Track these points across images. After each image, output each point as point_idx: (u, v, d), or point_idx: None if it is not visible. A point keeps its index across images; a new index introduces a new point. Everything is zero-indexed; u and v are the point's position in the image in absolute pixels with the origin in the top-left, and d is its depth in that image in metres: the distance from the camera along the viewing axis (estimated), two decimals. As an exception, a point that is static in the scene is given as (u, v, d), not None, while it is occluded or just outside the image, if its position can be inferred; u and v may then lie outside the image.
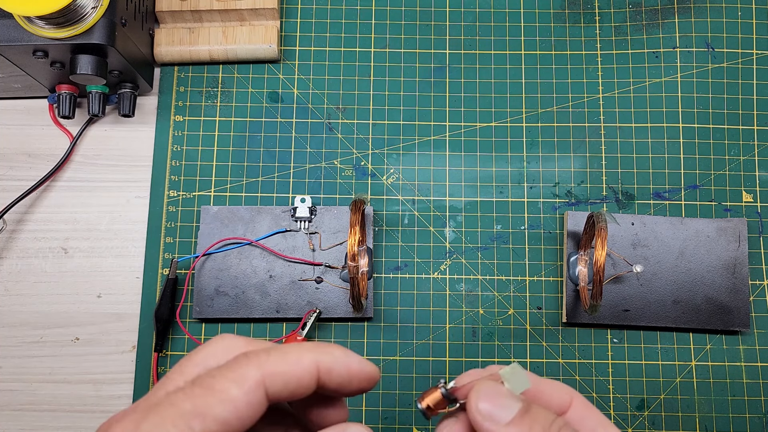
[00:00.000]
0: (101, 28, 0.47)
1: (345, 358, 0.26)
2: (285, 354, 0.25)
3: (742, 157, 0.55)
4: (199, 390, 0.23)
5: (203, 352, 0.26)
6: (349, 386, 0.26)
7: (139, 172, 0.55)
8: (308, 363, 0.25)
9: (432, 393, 0.28)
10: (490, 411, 0.25)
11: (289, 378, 0.24)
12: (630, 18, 0.57)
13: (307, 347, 0.25)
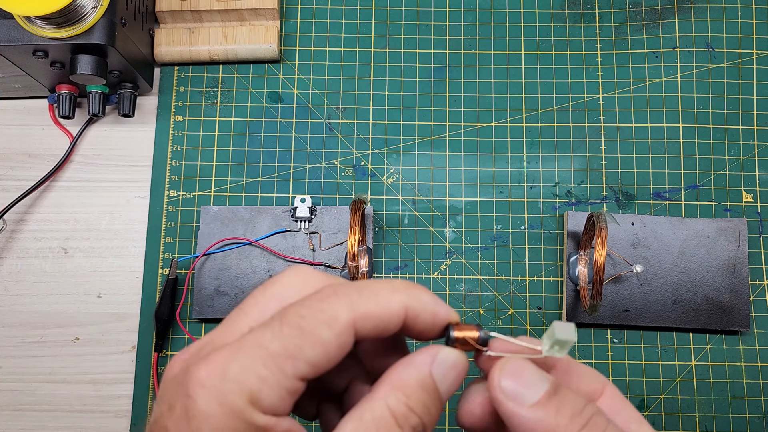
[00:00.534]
0: (101, 28, 0.47)
1: (433, 305, 0.25)
2: (376, 294, 0.24)
3: (742, 157, 0.55)
4: (288, 330, 0.22)
5: (279, 285, 0.25)
6: (431, 332, 0.25)
7: (139, 172, 0.55)
8: (397, 306, 0.24)
9: (469, 329, 0.26)
10: (514, 390, 0.24)
11: (378, 321, 0.23)
12: (630, 18, 0.57)
13: (397, 287, 0.24)
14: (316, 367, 0.22)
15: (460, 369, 0.24)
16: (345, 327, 0.22)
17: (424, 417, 0.23)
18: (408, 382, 0.23)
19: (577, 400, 0.23)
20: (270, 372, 0.21)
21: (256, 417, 0.21)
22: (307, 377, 0.22)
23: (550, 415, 0.23)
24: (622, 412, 0.25)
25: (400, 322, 0.24)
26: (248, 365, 0.21)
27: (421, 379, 0.23)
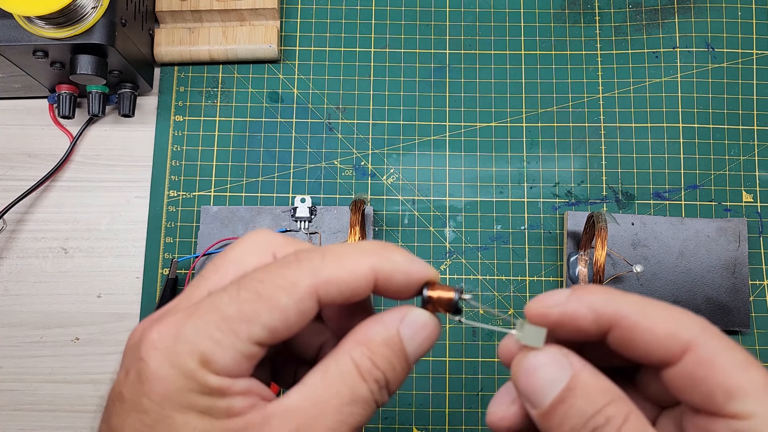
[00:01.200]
0: (101, 28, 0.47)
1: (406, 264, 0.24)
2: (341, 259, 0.23)
3: (742, 157, 0.55)
4: (245, 294, 0.22)
5: (238, 249, 0.24)
6: (407, 292, 0.24)
7: (139, 172, 0.55)
8: (366, 270, 0.23)
9: (445, 290, 0.24)
10: (526, 391, 0.23)
11: (344, 286, 0.22)
12: (630, 18, 0.57)
13: (365, 249, 0.23)
14: (274, 332, 0.22)
15: (429, 331, 0.24)
16: (305, 294, 0.22)
17: (387, 372, 0.23)
18: (374, 338, 0.23)
19: (583, 411, 0.21)
20: (223, 334, 0.21)
21: (208, 378, 0.21)
22: (265, 342, 0.22)
23: (554, 427, 0.22)
24: (703, 382, 0.21)
25: (370, 286, 0.23)
26: (201, 327, 0.21)
27: (387, 336, 0.23)
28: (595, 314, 0.22)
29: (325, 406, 0.22)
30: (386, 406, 0.51)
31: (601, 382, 0.22)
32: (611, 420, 0.21)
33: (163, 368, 0.21)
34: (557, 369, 0.22)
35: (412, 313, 0.24)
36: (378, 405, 0.23)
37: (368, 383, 0.22)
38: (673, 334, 0.22)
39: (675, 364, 0.22)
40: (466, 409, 0.51)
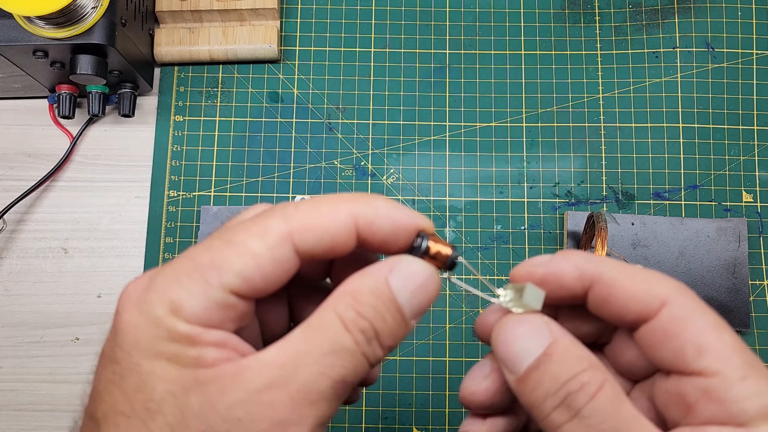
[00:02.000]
0: (101, 28, 0.47)
1: (388, 210, 0.22)
2: (317, 206, 0.22)
3: (742, 157, 0.55)
4: (218, 243, 0.21)
5: (235, 219, 0.24)
6: (396, 242, 0.23)
7: (139, 172, 0.55)
8: (344, 215, 0.22)
9: (441, 244, 0.23)
10: (504, 357, 0.23)
11: (321, 233, 0.22)
12: (630, 18, 0.57)
13: (344, 198, 0.22)
14: (247, 280, 0.21)
15: (422, 279, 0.22)
16: (278, 238, 0.21)
17: (376, 322, 0.21)
18: (359, 288, 0.22)
19: (558, 376, 0.21)
20: (193, 281, 0.21)
21: (176, 324, 0.20)
22: (241, 291, 0.21)
23: (527, 392, 0.22)
24: (675, 338, 0.22)
25: (351, 234, 0.22)
26: (172, 276, 0.21)
27: (375, 286, 0.22)
28: (578, 271, 0.23)
29: (304, 357, 0.20)
30: (386, 406, 0.51)
31: (578, 350, 0.22)
32: (585, 386, 0.21)
33: (133, 317, 0.21)
34: (537, 335, 0.22)
35: (401, 261, 0.22)
36: (369, 360, 0.21)
37: (352, 333, 0.21)
38: (651, 290, 0.22)
39: (650, 321, 0.22)
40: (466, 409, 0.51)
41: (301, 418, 0.20)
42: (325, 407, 0.20)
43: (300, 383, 0.20)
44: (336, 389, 0.21)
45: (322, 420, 0.21)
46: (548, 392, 0.21)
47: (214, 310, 0.20)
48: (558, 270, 0.24)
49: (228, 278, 0.21)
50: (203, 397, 0.20)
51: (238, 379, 0.20)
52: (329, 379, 0.20)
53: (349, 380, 0.21)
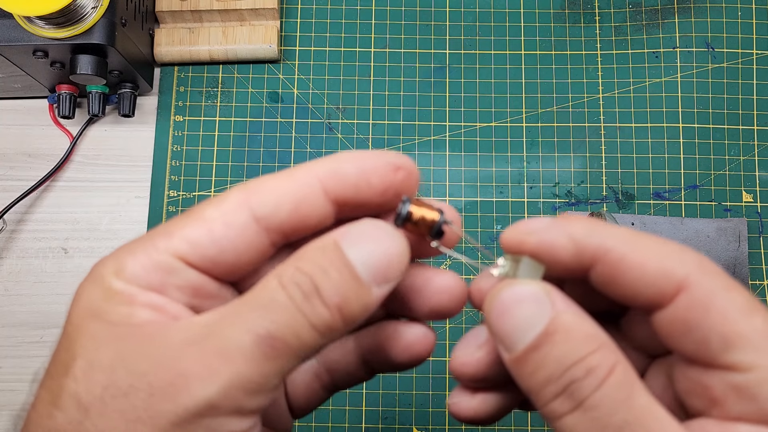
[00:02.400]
0: (101, 28, 0.47)
1: (353, 156, 0.21)
2: (279, 173, 0.21)
3: (742, 157, 0.55)
4: (179, 216, 0.21)
5: None
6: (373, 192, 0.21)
7: (139, 172, 0.55)
8: (304, 175, 0.20)
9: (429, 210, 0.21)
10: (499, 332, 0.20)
11: (280, 195, 0.20)
12: (630, 18, 0.57)
13: (308, 162, 0.21)
14: (195, 245, 0.20)
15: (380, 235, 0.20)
16: (233, 204, 0.20)
17: (315, 276, 0.19)
18: (306, 248, 0.20)
19: (562, 360, 0.18)
20: (140, 245, 0.20)
21: (114, 283, 0.19)
22: (186, 257, 0.20)
23: (524, 375, 0.19)
24: (697, 329, 0.18)
25: (318, 196, 0.20)
26: (130, 248, 0.20)
27: (320, 243, 0.20)
28: (575, 246, 0.20)
29: (230, 316, 0.19)
30: (386, 406, 0.51)
31: (586, 326, 0.19)
32: (593, 372, 0.18)
33: (85, 283, 0.20)
34: (536, 308, 0.19)
35: (359, 221, 0.20)
36: (310, 318, 0.19)
37: (287, 288, 0.19)
38: (666, 270, 0.19)
39: (666, 307, 0.19)
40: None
41: (210, 372, 0.18)
42: (245, 366, 0.18)
43: (218, 338, 0.18)
44: (261, 347, 0.18)
45: (240, 381, 0.18)
46: (549, 378, 0.19)
47: (153, 272, 0.20)
48: (551, 243, 0.20)
49: (175, 242, 0.20)
50: (114, 352, 0.19)
51: (157, 336, 0.19)
52: (252, 333, 0.18)
53: (279, 337, 0.18)
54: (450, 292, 0.23)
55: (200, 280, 0.20)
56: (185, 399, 0.18)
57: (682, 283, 0.19)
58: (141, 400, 0.18)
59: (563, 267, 0.20)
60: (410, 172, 0.22)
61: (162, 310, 0.20)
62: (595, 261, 0.20)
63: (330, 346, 0.26)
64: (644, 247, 0.19)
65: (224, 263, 0.20)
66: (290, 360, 0.19)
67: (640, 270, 0.19)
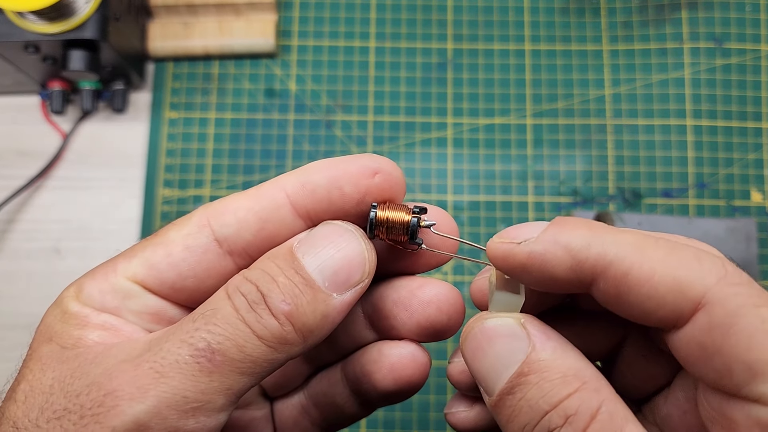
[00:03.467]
0: (94, 23, 0.46)
1: (323, 166, 0.20)
2: (242, 192, 0.20)
3: (751, 155, 0.54)
4: (147, 237, 0.21)
5: None
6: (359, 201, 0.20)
7: (132, 170, 0.54)
8: (270, 190, 0.20)
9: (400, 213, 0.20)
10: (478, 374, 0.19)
11: (243, 213, 0.19)
12: (636, 13, 0.56)
13: (276, 178, 0.20)
14: (153, 267, 0.20)
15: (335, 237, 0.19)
16: (194, 226, 0.20)
17: (262, 284, 0.18)
18: (259, 260, 0.19)
19: (536, 406, 0.16)
20: (102, 269, 0.21)
21: (70, 305, 0.20)
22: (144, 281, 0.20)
23: (503, 422, 0.18)
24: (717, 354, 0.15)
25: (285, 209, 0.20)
26: (93, 273, 0.21)
27: (274, 251, 0.19)
28: (572, 259, 0.17)
29: (173, 330, 0.18)
30: (386, 409, 0.50)
31: (567, 362, 0.17)
32: (572, 420, 0.16)
33: (49, 308, 0.21)
34: (511, 344, 0.18)
35: (318, 226, 0.19)
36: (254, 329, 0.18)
37: (231, 298, 0.18)
38: (681, 285, 0.16)
39: (681, 327, 0.16)
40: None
41: (139, 390, 0.17)
42: (180, 382, 0.17)
43: (154, 353, 0.17)
44: (198, 359, 0.17)
45: (174, 398, 0.17)
46: (525, 426, 0.17)
47: (109, 294, 0.20)
48: (545, 257, 0.18)
49: (134, 266, 0.20)
50: (56, 375, 0.18)
51: (100, 357, 0.18)
52: (190, 346, 0.17)
53: (219, 350, 0.17)
54: (439, 303, 0.21)
55: (160, 305, 0.20)
56: (112, 420, 0.17)
57: (700, 300, 0.16)
58: (72, 424, 0.17)
59: (559, 284, 0.18)
60: (390, 174, 0.20)
61: (115, 331, 0.19)
62: (596, 276, 0.17)
63: (317, 377, 0.24)
64: (654, 256, 0.17)
65: (184, 288, 0.20)
66: (235, 376, 0.17)
67: (650, 286, 0.16)
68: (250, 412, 0.24)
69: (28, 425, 0.18)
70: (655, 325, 0.17)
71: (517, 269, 0.18)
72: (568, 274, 0.17)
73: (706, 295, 0.16)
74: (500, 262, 0.19)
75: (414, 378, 0.22)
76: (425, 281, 0.22)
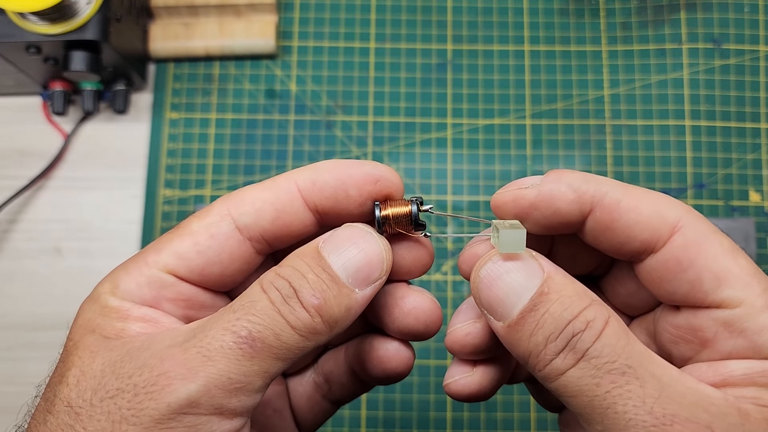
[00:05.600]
0: (95, 24, 0.46)
1: (332, 167, 0.22)
2: (260, 183, 0.22)
3: (749, 156, 0.54)
4: (169, 232, 0.22)
5: None
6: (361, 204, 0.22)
7: (133, 170, 0.54)
8: (283, 183, 0.22)
9: (400, 205, 0.22)
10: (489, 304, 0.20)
11: (260, 203, 0.22)
12: (636, 14, 0.56)
13: (288, 172, 0.22)
14: (183, 258, 0.21)
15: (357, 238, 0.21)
16: (216, 216, 0.21)
17: (293, 279, 0.20)
18: (289, 256, 0.21)
19: (560, 317, 0.19)
20: (134, 263, 0.22)
21: (109, 300, 0.21)
22: (176, 270, 0.21)
23: (523, 339, 0.20)
24: (690, 267, 0.20)
25: (297, 202, 0.22)
26: (124, 266, 0.22)
27: (301, 250, 0.21)
28: (575, 193, 0.21)
29: (214, 320, 0.20)
30: (386, 409, 0.50)
31: (576, 286, 0.20)
32: (591, 324, 0.19)
33: (84, 303, 0.22)
34: (525, 273, 0.20)
35: (340, 227, 0.21)
36: (289, 320, 0.19)
37: (267, 292, 0.20)
38: (660, 213, 0.20)
39: (659, 250, 0.20)
40: (468, 413, 0.50)
41: (191, 371, 0.19)
42: (226, 365, 0.19)
43: (200, 340, 0.19)
44: (242, 347, 0.19)
45: (221, 380, 0.19)
46: (549, 336, 0.19)
47: (146, 287, 0.21)
48: (552, 193, 0.21)
49: (164, 257, 0.21)
50: (106, 360, 0.20)
51: (146, 344, 0.20)
52: (233, 334, 0.19)
53: (259, 338, 0.19)
54: (417, 314, 0.23)
55: (192, 291, 0.22)
56: (167, 397, 0.18)
57: (675, 225, 0.20)
58: (126, 401, 0.19)
59: (561, 216, 0.21)
60: (390, 181, 0.22)
61: (155, 323, 0.21)
62: (593, 206, 0.20)
63: (324, 357, 0.27)
64: (637, 192, 0.20)
65: (212, 273, 0.22)
66: (272, 360, 0.19)
67: (636, 212, 0.20)
68: (271, 389, 0.26)
69: (82, 404, 0.19)
70: (637, 249, 0.20)
71: (526, 209, 0.21)
72: (571, 207, 0.21)
73: (681, 220, 0.20)
74: (510, 206, 0.21)
75: (399, 369, 0.25)
76: (407, 292, 0.24)
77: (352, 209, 0.22)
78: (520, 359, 0.20)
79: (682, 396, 0.18)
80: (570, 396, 0.19)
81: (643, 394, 0.18)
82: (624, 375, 0.18)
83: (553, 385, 0.19)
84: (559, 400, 0.20)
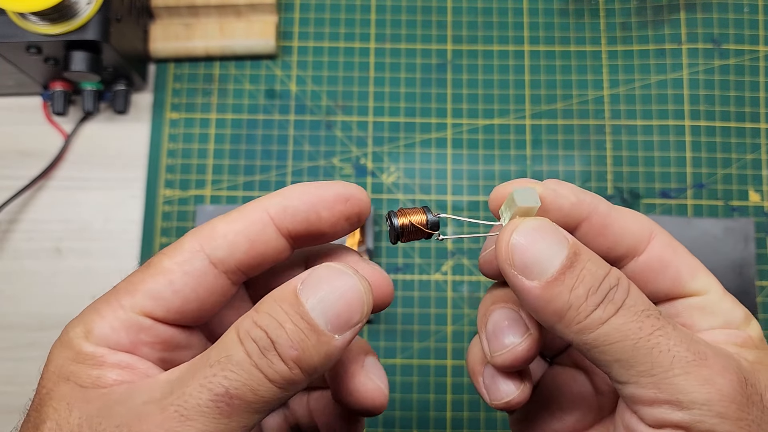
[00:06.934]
0: (96, 24, 0.46)
1: (301, 191, 0.22)
2: (228, 214, 0.22)
3: (749, 156, 0.54)
4: (140, 268, 0.22)
5: None
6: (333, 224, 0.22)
7: (133, 170, 0.54)
8: (253, 212, 0.22)
9: (417, 214, 0.23)
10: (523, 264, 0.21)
11: (233, 236, 0.21)
12: (635, 14, 0.56)
13: (259, 198, 0.22)
14: (159, 299, 0.21)
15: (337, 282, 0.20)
16: (188, 253, 0.21)
17: (271, 330, 0.19)
18: (264, 299, 0.20)
19: (596, 273, 0.21)
20: (107, 306, 0.21)
21: (83, 346, 0.20)
22: (152, 312, 0.21)
23: (564, 292, 0.20)
24: (671, 264, 0.23)
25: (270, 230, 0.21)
26: (94, 304, 0.21)
27: (278, 293, 0.20)
28: (575, 197, 0.23)
29: (191, 372, 0.19)
30: (387, 409, 0.50)
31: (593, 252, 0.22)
32: (621, 280, 0.21)
33: (56, 347, 0.21)
34: (555, 236, 0.21)
35: (317, 267, 0.21)
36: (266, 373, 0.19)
37: (243, 344, 0.19)
38: (641, 223, 0.23)
39: (642, 252, 0.23)
40: (468, 413, 0.50)
41: None
42: (204, 424, 0.18)
43: (177, 396, 0.19)
44: (218, 404, 0.19)
45: None
46: (590, 288, 0.20)
47: (122, 331, 0.21)
48: (557, 192, 0.23)
49: (140, 299, 0.21)
50: (82, 415, 0.19)
51: (123, 397, 0.19)
52: (209, 390, 0.19)
53: (236, 395, 0.19)
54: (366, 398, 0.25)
55: (168, 332, 0.21)
56: None
57: (653, 232, 0.23)
58: None
59: (562, 216, 0.23)
60: (360, 200, 0.23)
61: (131, 369, 0.20)
62: (590, 213, 0.23)
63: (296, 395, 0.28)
64: (619, 208, 0.24)
65: (189, 311, 0.21)
66: (250, 415, 0.19)
67: (623, 222, 0.23)
68: None
69: None
70: (623, 253, 0.23)
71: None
72: (572, 210, 0.23)
73: (654, 229, 0.23)
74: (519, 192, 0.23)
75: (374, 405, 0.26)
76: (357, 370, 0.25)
77: (324, 229, 0.22)
78: (552, 316, 0.21)
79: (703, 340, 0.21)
80: (611, 343, 0.20)
81: (678, 336, 0.20)
82: (659, 320, 0.21)
83: (591, 336, 0.20)
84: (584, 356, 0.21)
